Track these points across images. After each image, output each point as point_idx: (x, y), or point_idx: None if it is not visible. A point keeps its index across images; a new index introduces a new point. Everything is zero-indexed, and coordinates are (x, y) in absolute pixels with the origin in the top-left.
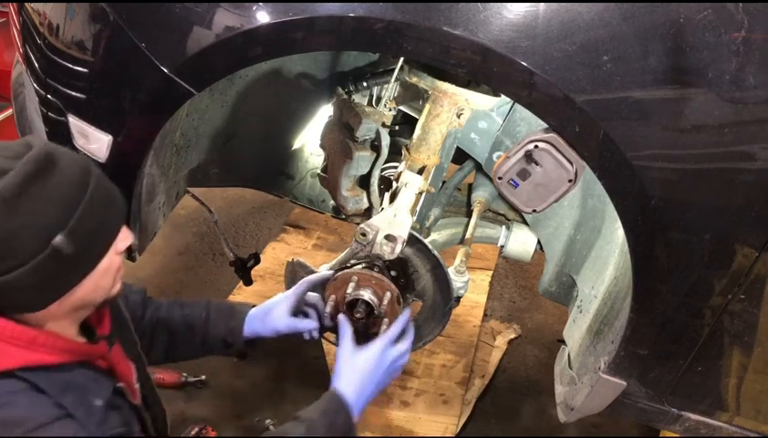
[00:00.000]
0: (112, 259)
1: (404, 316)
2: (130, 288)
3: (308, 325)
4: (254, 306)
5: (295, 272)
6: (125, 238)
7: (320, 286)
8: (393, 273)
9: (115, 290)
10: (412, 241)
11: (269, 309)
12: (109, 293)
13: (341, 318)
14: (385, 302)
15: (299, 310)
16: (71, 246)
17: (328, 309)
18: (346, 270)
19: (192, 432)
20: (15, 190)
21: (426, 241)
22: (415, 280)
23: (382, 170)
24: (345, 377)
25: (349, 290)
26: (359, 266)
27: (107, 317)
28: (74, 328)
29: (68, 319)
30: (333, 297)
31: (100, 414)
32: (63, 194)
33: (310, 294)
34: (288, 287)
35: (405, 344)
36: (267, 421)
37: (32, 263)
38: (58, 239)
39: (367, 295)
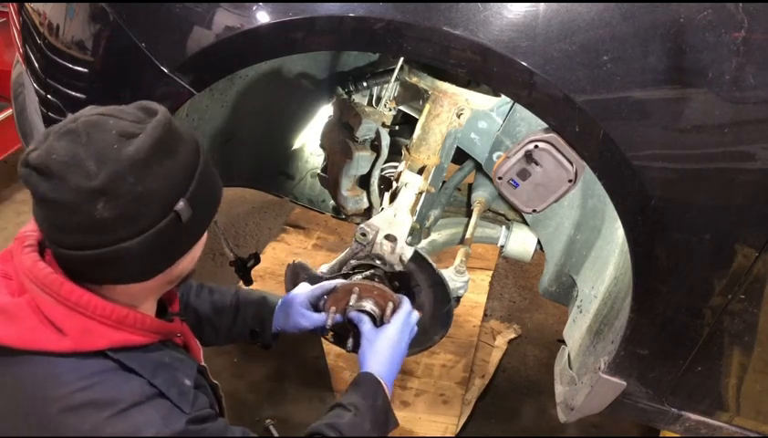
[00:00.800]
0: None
1: (406, 298)
2: None
3: (336, 319)
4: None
5: (296, 274)
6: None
7: (316, 282)
8: (396, 283)
9: (192, 266)
10: (416, 257)
11: (291, 302)
12: (191, 268)
13: (354, 314)
14: (387, 313)
15: (314, 305)
16: (189, 212)
17: (330, 322)
18: (346, 282)
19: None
20: (147, 155)
21: (431, 260)
22: (416, 294)
23: (382, 170)
24: (374, 359)
25: (352, 302)
26: (360, 276)
27: (176, 295)
28: (154, 306)
29: (153, 297)
30: (333, 308)
31: (192, 394)
32: (185, 161)
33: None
34: (288, 289)
35: (415, 316)
36: (267, 421)
37: (156, 227)
38: (181, 204)
39: (369, 306)
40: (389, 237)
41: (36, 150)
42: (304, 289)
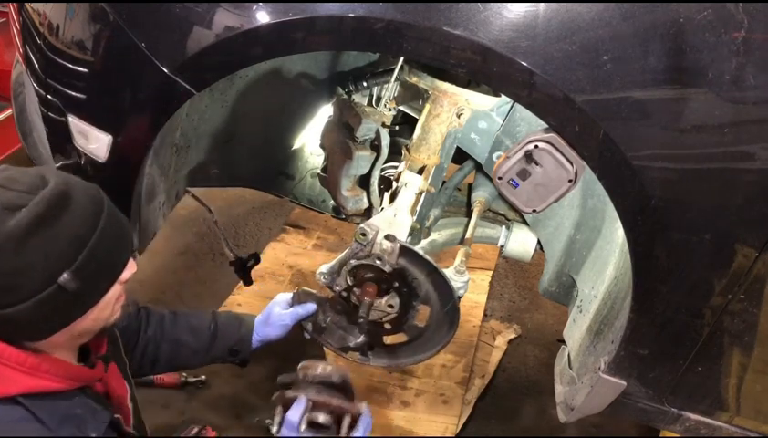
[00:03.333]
0: (115, 290)
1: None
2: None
3: (310, 308)
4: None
5: (303, 301)
6: (130, 268)
7: (325, 305)
8: (396, 283)
9: (114, 318)
10: (404, 251)
11: (269, 312)
12: (108, 321)
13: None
14: (344, 430)
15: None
16: (76, 283)
17: (275, 427)
18: (294, 390)
19: (192, 432)
20: (25, 229)
21: (417, 248)
22: (416, 287)
23: (382, 170)
24: None
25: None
26: (313, 390)
27: (104, 339)
28: (74, 352)
29: (69, 346)
30: (280, 408)
31: None
32: (72, 233)
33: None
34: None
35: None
36: (267, 421)
37: (35, 298)
38: (64, 277)
39: (322, 418)
40: (389, 237)
41: None
42: (282, 298)
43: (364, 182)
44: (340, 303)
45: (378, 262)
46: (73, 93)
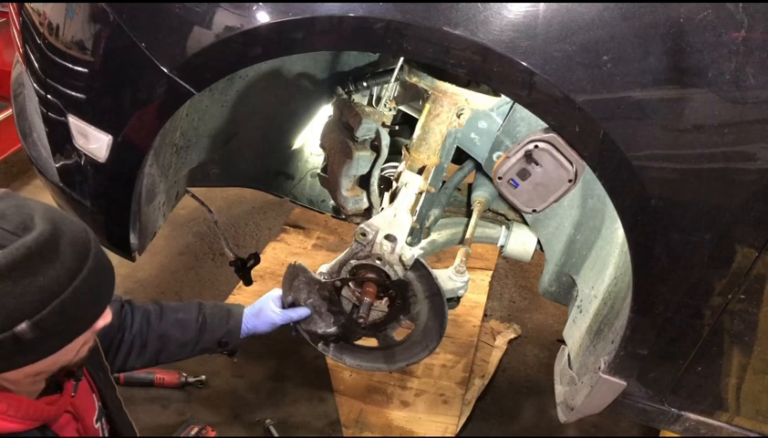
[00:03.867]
0: (83, 338)
1: None
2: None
3: (302, 312)
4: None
5: (294, 275)
6: (104, 317)
7: (314, 286)
8: (392, 292)
9: (77, 360)
10: (417, 266)
11: (262, 306)
12: (71, 362)
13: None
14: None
15: (289, 305)
16: (34, 334)
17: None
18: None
19: (192, 432)
20: (3, 267)
21: (431, 269)
22: (412, 304)
23: (382, 170)
24: None
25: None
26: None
27: (71, 378)
28: (40, 384)
29: (30, 381)
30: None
31: None
32: (45, 286)
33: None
34: (285, 290)
35: None
36: (267, 421)
37: None
38: (21, 327)
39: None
40: (389, 237)
41: None
42: (277, 293)
43: (364, 182)
44: (329, 290)
45: (378, 262)
46: (73, 93)
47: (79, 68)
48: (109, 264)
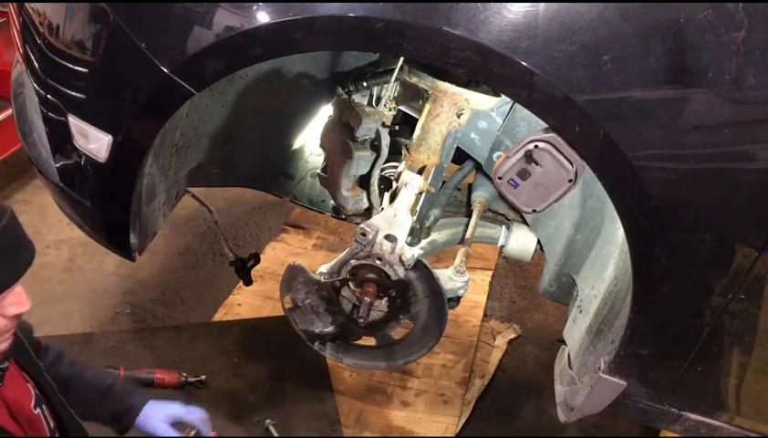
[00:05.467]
0: None
1: None
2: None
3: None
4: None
5: (293, 276)
6: (17, 304)
7: (313, 286)
8: (392, 292)
9: None
10: (418, 266)
11: (157, 411)
12: None
13: None
14: None
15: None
16: None
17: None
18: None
19: (192, 433)
20: None
21: (432, 268)
22: (411, 304)
23: (382, 170)
24: None
25: None
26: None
27: None
28: None
29: None
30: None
31: None
32: None
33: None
34: (284, 290)
35: None
36: (267, 421)
37: None
38: None
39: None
40: (389, 237)
41: None
42: (171, 410)
43: (364, 182)
44: (328, 291)
45: (378, 262)
46: (73, 93)
47: (79, 68)
48: (27, 242)
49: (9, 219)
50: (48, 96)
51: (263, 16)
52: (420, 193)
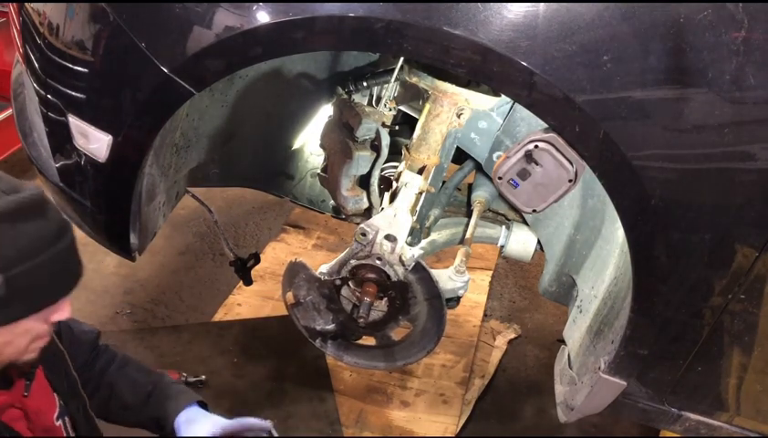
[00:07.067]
0: (38, 326)
1: None
2: (81, 326)
3: None
4: (200, 401)
5: (295, 273)
6: (61, 312)
7: (314, 283)
8: (391, 292)
9: (27, 357)
10: (417, 268)
11: (199, 419)
12: (20, 357)
13: None
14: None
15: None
16: (4, 292)
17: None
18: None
19: None
20: None
21: (432, 271)
22: (411, 305)
23: (382, 170)
24: None
25: None
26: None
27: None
28: None
29: None
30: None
31: None
32: (25, 243)
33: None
34: (285, 287)
35: None
36: (267, 421)
37: None
38: None
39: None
40: (389, 237)
41: None
42: (215, 422)
43: (364, 182)
44: (329, 288)
45: (378, 262)
46: (73, 93)
47: (79, 68)
48: (81, 261)
49: (73, 238)
50: (48, 96)
51: (263, 16)
52: (420, 193)
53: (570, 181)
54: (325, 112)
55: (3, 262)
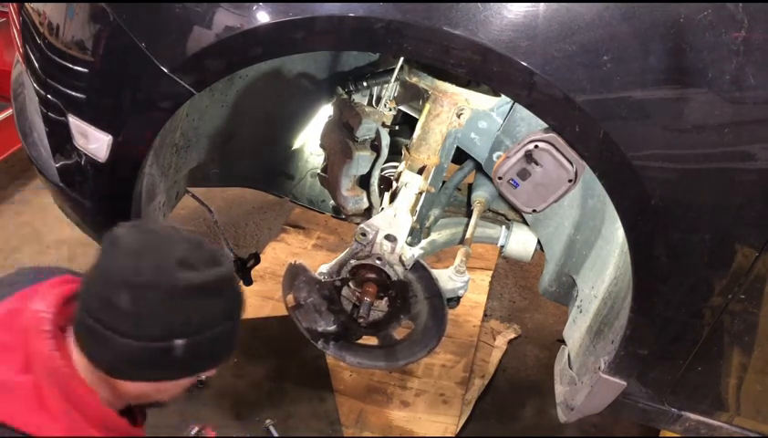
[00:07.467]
0: (191, 381)
1: None
2: None
3: None
4: None
5: (295, 275)
6: (211, 372)
7: (314, 285)
8: (392, 292)
9: (170, 398)
10: (417, 268)
11: None
12: (162, 401)
13: None
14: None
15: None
16: (183, 353)
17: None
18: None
19: (192, 432)
20: (185, 288)
21: (431, 270)
22: (412, 304)
23: (382, 170)
24: None
25: None
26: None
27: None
28: (122, 406)
29: (118, 403)
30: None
31: None
32: (211, 314)
33: None
34: (285, 288)
35: None
36: (267, 421)
37: (144, 343)
38: (178, 342)
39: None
40: (389, 237)
41: (129, 223)
42: None
43: (364, 182)
44: (329, 289)
45: (378, 262)
46: (73, 93)
47: (79, 68)
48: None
49: (231, 324)
50: (48, 96)
51: (263, 16)
52: (420, 193)
53: (570, 181)
54: (325, 112)
55: (189, 328)
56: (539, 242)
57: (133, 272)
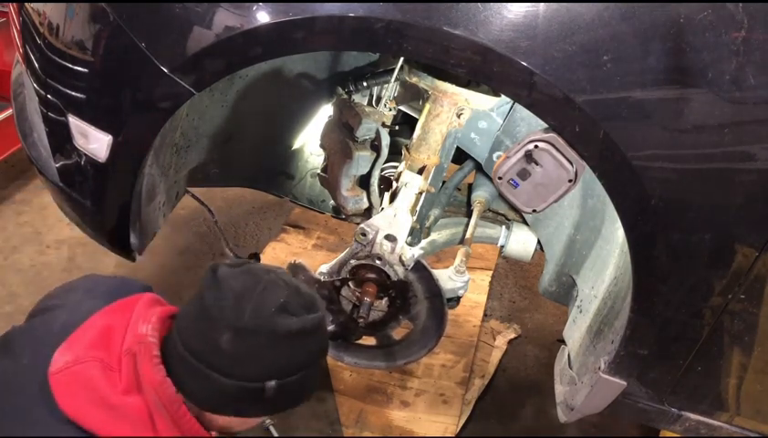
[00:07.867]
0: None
1: None
2: None
3: None
4: None
5: (294, 274)
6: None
7: (313, 285)
8: (391, 292)
9: (234, 432)
10: (418, 267)
11: None
12: (231, 432)
13: None
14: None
15: None
16: (273, 394)
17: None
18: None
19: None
20: (285, 333)
21: (431, 270)
22: (411, 304)
23: (382, 170)
24: None
25: None
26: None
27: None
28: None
29: (216, 430)
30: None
31: None
32: (302, 358)
33: None
34: None
35: None
36: (267, 421)
37: (240, 383)
38: (270, 384)
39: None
40: (389, 237)
41: (230, 262)
42: None
43: (364, 182)
44: (328, 289)
45: (378, 262)
46: (73, 93)
47: (79, 68)
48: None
49: (316, 367)
50: (48, 96)
51: (263, 16)
52: (420, 193)
53: (570, 181)
54: (325, 112)
55: (283, 371)
56: (539, 242)
57: (236, 316)
